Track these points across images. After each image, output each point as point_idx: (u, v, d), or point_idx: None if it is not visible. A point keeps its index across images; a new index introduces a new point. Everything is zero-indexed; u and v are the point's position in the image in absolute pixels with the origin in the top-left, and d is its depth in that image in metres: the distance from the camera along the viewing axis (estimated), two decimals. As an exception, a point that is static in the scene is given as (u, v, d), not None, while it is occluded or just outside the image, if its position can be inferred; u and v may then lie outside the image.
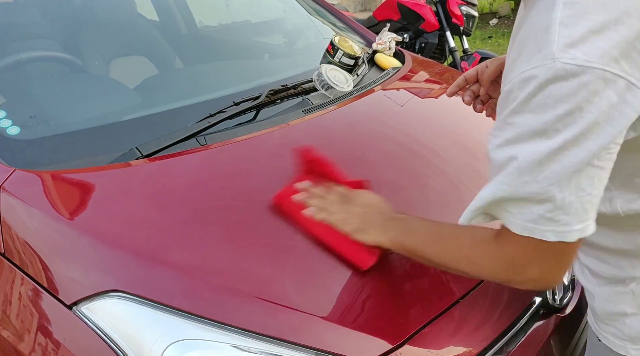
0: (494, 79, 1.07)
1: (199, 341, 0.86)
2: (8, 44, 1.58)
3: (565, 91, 0.63)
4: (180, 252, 0.98)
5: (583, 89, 0.63)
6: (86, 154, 1.18)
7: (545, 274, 0.77)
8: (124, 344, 0.87)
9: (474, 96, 1.11)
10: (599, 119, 0.64)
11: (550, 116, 0.65)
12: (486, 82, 1.08)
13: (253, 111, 1.36)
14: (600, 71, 0.62)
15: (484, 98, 1.10)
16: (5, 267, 1.01)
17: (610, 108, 0.64)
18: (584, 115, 0.63)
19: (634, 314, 0.85)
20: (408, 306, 1.01)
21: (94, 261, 0.96)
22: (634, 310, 0.85)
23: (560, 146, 0.65)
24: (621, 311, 0.86)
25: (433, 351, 0.96)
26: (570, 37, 0.63)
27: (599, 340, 0.92)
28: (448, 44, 4.15)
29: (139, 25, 1.97)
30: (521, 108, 0.68)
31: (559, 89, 0.64)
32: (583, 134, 0.64)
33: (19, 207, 1.04)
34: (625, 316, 0.86)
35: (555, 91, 0.64)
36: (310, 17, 2.16)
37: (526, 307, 1.12)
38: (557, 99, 0.64)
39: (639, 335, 0.85)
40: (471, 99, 1.11)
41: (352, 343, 0.92)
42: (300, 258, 1.02)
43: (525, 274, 0.78)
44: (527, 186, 0.69)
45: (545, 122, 0.65)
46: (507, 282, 0.84)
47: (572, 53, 0.63)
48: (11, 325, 0.97)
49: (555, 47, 0.63)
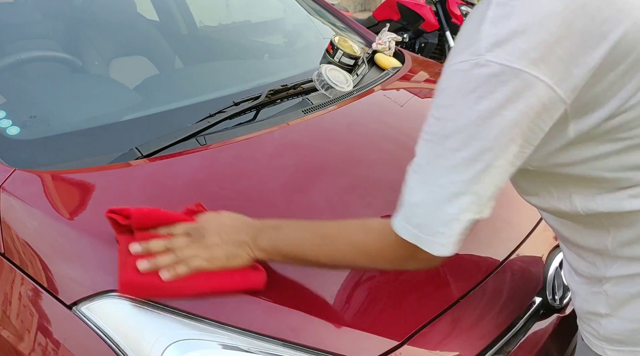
0: None
1: (199, 342, 0.86)
2: (8, 44, 1.58)
3: (486, 88, 0.65)
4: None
5: (502, 87, 0.65)
6: (86, 154, 1.19)
7: (432, 264, 0.80)
8: (124, 344, 0.86)
9: None
10: (517, 119, 0.66)
11: (473, 112, 0.67)
12: None
13: (253, 111, 1.36)
14: (519, 71, 0.64)
15: None
16: (5, 267, 1.00)
17: (527, 108, 0.65)
18: (503, 113, 0.65)
19: (607, 315, 0.85)
20: (408, 306, 1.01)
21: (94, 261, 0.96)
22: (608, 311, 0.85)
23: (479, 145, 0.67)
24: (596, 312, 0.87)
25: (433, 351, 0.96)
26: (496, 36, 0.65)
27: (583, 340, 0.92)
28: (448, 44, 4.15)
29: (138, 25, 1.97)
30: (447, 101, 0.70)
31: (480, 86, 0.66)
32: (502, 131, 0.66)
33: (19, 207, 1.04)
34: (600, 317, 0.86)
35: (477, 87, 0.66)
36: (310, 17, 2.16)
37: (526, 307, 1.12)
38: (480, 96, 0.66)
39: (613, 336, 0.86)
40: None
41: (352, 343, 0.92)
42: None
43: (417, 263, 0.80)
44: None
45: (468, 118, 0.67)
46: (400, 267, 0.86)
47: (496, 52, 0.65)
48: (11, 324, 0.97)
49: (483, 44, 0.66)
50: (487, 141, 0.67)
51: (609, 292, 0.84)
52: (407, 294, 1.03)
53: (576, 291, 0.92)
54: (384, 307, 0.99)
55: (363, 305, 0.98)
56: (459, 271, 1.12)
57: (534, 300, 1.14)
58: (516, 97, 0.65)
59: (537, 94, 0.65)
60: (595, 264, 0.85)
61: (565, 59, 0.65)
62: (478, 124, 0.67)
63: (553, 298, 1.16)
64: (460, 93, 0.68)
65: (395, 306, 1.00)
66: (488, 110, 0.66)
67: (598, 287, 0.86)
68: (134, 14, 1.98)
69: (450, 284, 1.08)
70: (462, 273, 1.12)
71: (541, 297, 1.15)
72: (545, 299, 1.15)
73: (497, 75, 0.65)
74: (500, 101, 0.65)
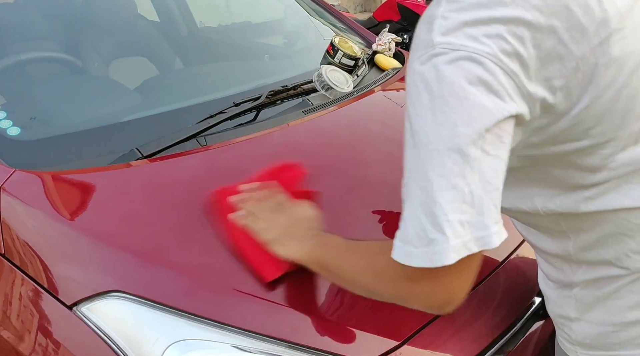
0: None
1: (199, 341, 0.86)
2: (8, 45, 1.58)
3: (442, 74, 0.65)
4: (180, 252, 0.98)
5: (460, 71, 0.64)
6: (86, 154, 1.19)
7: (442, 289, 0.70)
8: (124, 344, 0.87)
9: None
10: (476, 100, 0.64)
11: (435, 101, 0.65)
12: None
13: (253, 111, 1.36)
14: (472, 53, 0.64)
15: None
16: (5, 267, 1.01)
17: (487, 90, 0.64)
18: (467, 97, 0.64)
19: (577, 319, 0.86)
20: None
21: (94, 261, 0.96)
22: (577, 315, 0.86)
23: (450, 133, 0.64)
24: (567, 316, 0.87)
25: (433, 352, 0.96)
26: (447, 26, 0.66)
27: (558, 344, 0.93)
28: (448, 44, 4.14)
29: (139, 26, 1.97)
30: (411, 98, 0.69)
31: (437, 74, 0.65)
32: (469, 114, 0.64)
33: (19, 207, 1.05)
34: (570, 321, 0.87)
35: (433, 76, 0.65)
36: (310, 18, 2.16)
37: (526, 307, 1.12)
38: (441, 83, 0.65)
39: (584, 340, 0.86)
40: None
41: (352, 343, 0.92)
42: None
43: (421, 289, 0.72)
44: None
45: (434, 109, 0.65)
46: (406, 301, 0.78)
47: (447, 39, 0.65)
48: (11, 325, 0.97)
49: (434, 35, 0.67)
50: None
51: (577, 296, 0.85)
52: (407, 295, 1.03)
53: (549, 296, 0.93)
54: (384, 307, 0.99)
55: (363, 305, 0.98)
56: (459, 271, 1.12)
57: (534, 300, 1.14)
58: (472, 78, 0.64)
59: (492, 72, 0.64)
60: (563, 269, 0.86)
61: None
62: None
63: (553, 298, 1.16)
64: (420, 88, 0.67)
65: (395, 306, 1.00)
66: (447, 94, 0.65)
67: (568, 291, 0.86)
68: (134, 15, 1.98)
69: (450, 284, 1.08)
70: (462, 273, 1.12)
71: (541, 297, 1.15)
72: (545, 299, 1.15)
73: (454, 60, 0.65)
74: (455, 84, 0.64)
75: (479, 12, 0.65)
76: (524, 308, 1.12)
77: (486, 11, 0.65)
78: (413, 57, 0.69)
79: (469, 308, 1.05)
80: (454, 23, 0.66)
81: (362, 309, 0.98)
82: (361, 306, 0.98)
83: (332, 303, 0.97)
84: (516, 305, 1.11)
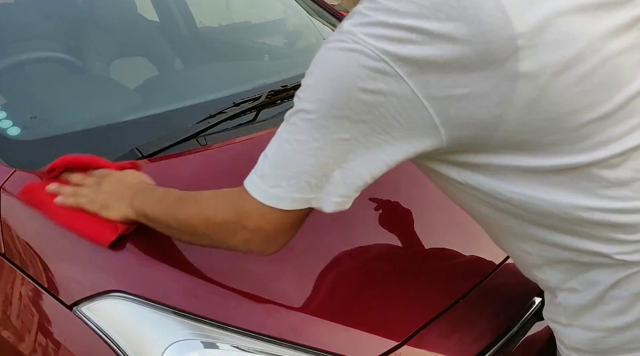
0: None
1: (199, 342, 0.86)
2: (9, 45, 1.58)
3: (341, 62, 0.70)
4: (181, 252, 0.98)
5: (354, 65, 0.68)
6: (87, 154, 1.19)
7: (261, 240, 0.81)
8: (124, 344, 0.87)
9: None
10: (366, 99, 0.69)
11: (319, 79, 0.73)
12: None
13: (253, 111, 1.36)
14: (370, 51, 0.67)
15: None
16: (5, 267, 1.01)
17: (381, 89, 0.68)
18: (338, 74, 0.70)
19: (568, 325, 0.85)
20: (408, 306, 1.01)
21: (94, 261, 0.96)
22: (567, 321, 0.85)
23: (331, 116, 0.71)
24: (559, 321, 0.87)
25: (433, 352, 0.96)
26: (361, 21, 0.70)
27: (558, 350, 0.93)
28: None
29: (139, 26, 1.97)
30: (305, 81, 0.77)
31: (336, 60, 0.71)
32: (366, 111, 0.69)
33: (20, 207, 1.05)
34: (563, 327, 0.87)
35: (324, 56, 0.73)
36: (310, 18, 2.16)
37: (526, 307, 1.12)
38: (322, 63, 0.73)
39: (578, 346, 0.86)
40: None
41: (352, 343, 0.92)
42: (300, 258, 1.02)
43: (246, 234, 0.80)
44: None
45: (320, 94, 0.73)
46: (224, 240, 0.85)
47: (354, 30, 0.69)
48: (11, 325, 0.97)
49: (346, 24, 0.71)
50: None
51: (563, 303, 0.84)
52: (407, 294, 1.03)
53: (545, 301, 0.93)
54: (384, 307, 1.00)
55: (363, 305, 0.98)
56: (458, 271, 1.12)
57: (534, 300, 1.14)
58: (367, 73, 0.68)
59: (385, 73, 0.68)
60: (547, 274, 0.85)
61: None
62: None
63: (553, 298, 1.16)
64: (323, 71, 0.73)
65: (395, 306, 1.00)
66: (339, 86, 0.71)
67: (555, 297, 0.86)
68: (134, 15, 1.98)
69: (450, 284, 1.08)
70: (462, 273, 1.12)
71: (541, 297, 1.15)
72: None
73: (352, 50, 0.68)
74: (349, 77, 0.69)
75: (389, 17, 0.67)
76: (524, 308, 1.12)
77: (395, 17, 0.67)
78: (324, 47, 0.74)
79: (469, 308, 1.05)
80: (368, 20, 0.69)
81: (362, 309, 0.98)
82: (361, 306, 0.98)
83: (332, 303, 0.97)
84: (516, 305, 1.11)
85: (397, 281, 1.04)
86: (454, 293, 1.06)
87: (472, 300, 1.06)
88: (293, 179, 0.74)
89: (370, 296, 1.00)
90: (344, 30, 0.71)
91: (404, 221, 1.19)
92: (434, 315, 1.00)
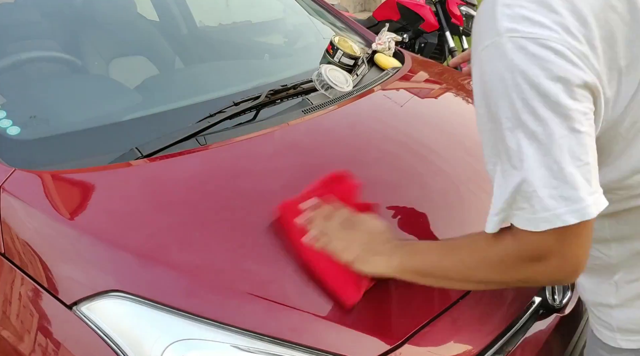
0: None
1: (199, 341, 0.86)
2: (8, 44, 1.58)
3: (514, 63, 0.68)
4: (180, 252, 0.98)
5: (531, 59, 0.67)
6: (86, 154, 1.19)
7: (569, 262, 0.74)
8: (124, 344, 0.87)
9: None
10: (557, 80, 0.67)
11: (516, 90, 0.68)
12: None
13: (253, 111, 1.36)
14: (543, 40, 0.67)
15: None
16: (5, 267, 1.01)
17: (561, 71, 0.67)
18: (541, 82, 0.67)
19: (618, 306, 0.86)
20: (408, 306, 1.01)
21: (94, 261, 0.96)
22: (618, 301, 0.86)
23: (536, 117, 0.68)
24: (607, 303, 0.87)
25: (433, 351, 0.96)
26: (511, 15, 0.69)
27: (593, 332, 0.93)
28: (447, 44, 4.15)
29: (139, 26, 1.97)
30: (480, 88, 0.73)
31: (509, 63, 0.68)
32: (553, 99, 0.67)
33: (19, 207, 1.05)
34: (611, 308, 0.87)
35: (506, 66, 0.68)
36: (310, 18, 2.16)
37: (526, 307, 1.12)
38: (512, 72, 0.68)
39: (625, 326, 0.86)
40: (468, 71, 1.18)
41: (352, 343, 0.92)
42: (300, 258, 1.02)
43: (548, 266, 0.75)
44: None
45: (513, 99, 0.69)
46: (530, 281, 0.81)
47: (514, 27, 0.68)
48: (11, 325, 0.97)
49: (500, 24, 0.69)
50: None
51: (619, 283, 0.85)
52: (407, 294, 1.03)
53: (585, 285, 0.92)
54: (384, 307, 1.00)
55: (363, 305, 0.98)
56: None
57: (534, 300, 1.14)
58: (546, 63, 0.67)
59: (563, 56, 0.67)
60: (603, 253, 0.86)
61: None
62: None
63: (552, 297, 1.16)
64: (492, 79, 0.70)
65: (395, 306, 1.00)
66: (524, 83, 0.68)
67: (607, 278, 0.86)
68: (134, 14, 1.98)
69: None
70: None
71: (541, 297, 1.15)
72: (544, 299, 1.15)
73: (523, 47, 0.67)
74: (530, 72, 0.67)
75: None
76: (524, 308, 1.12)
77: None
78: (478, 47, 0.72)
79: (469, 307, 1.05)
80: (519, 11, 0.69)
81: (362, 309, 0.98)
82: (361, 306, 0.98)
83: (332, 303, 0.97)
84: (516, 305, 1.11)
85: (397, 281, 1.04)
86: (454, 292, 1.06)
87: (472, 299, 1.06)
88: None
89: (370, 296, 1.00)
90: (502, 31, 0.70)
91: (403, 221, 1.18)
92: (434, 315, 1.00)
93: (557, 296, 1.17)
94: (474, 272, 0.84)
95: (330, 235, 0.98)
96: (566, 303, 1.19)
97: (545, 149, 0.68)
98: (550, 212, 0.69)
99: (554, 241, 0.72)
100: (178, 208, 1.07)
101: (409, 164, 1.34)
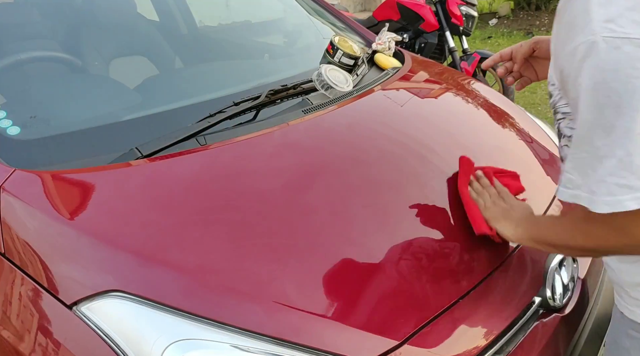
0: (527, 58, 1.21)
1: (198, 341, 0.86)
2: (8, 44, 1.58)
3: (609, 63, 0.70)
4: (180, 252, 0.98)
5: (625, 59, 0.69)
6: (86, 154, 1.19)
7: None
8: (124, 344, 0.87)
9: (507, 71, 1.25)
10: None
11: (603, 87, 0.71)
12: (520, 60, 1.21)
13: (253, 111, 1.36)
14: (638, 40, 0.68)
15: (515, 75, 1.24)
16: (5, 267, 1.01)
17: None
18: (630, 81, 0.69)
19: None
20: (408, 305, 1.01)
21: (94, 261, 0.96)
22: None
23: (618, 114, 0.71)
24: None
25: (433, 351, 0.96)
26: (607, 14, 0.70)
27: (624, 314, 0.93)
28: (448, 44, 4.15)
29: (138, 26, 1.97)
30: (574, 87, 0.75)
31: (604, 62, 0.70)
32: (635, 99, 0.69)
33: (19, 207, 1.05)
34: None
35: (601, 64, 0.70)
36: (310, 17, 2.16)
37: (526, 307, 1.12)
38: (604, 71, 0.70)
39: None
40: (505, 72, 1.26)
41: (352, 342, 0.92)
42: (300, 258, 1.02)
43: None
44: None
45: (599, 95, 0.71)
46: (626, 250, 0.85)
47: (611, 27, 0.69)
48: (11, 325, 0.97)
49: (595, 23, 0.71)
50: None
51: None
52: (407, 294, 1.03)
53: (613, 266, 0.94)
54: (384, 307, 1.00)
55: (363, 305, 0.98)
56: (458, 271, 1.12)
57: (534, 300, 1.14)
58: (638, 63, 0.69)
59: None
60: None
61: None
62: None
63: (553, 297, 1.16)
64: (584, 76, 0.72)
65: (395, 306, 1.00)
66: (616, 82, 0.70)
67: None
68: (134, 14, 1.98)
69: (450, 284, 1.08)
70: (462, 272, 1.12)
71: (541, 297, 1.15)
72: (544, 299, 1.15)
73: (618, 47, 0.69)
74: (623, 71, 0.69)
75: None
76: (524, 308, 1.12)
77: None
78: (570, 47, 0.74)
79: (469, 307, 1.05)
80: (615, 9, 0.70)
81: (363, 309, 0.98)
82: (361, 306, 0.98)
83: (332, 302, 0.97)
84: (516, 305, 1.11)
85: (397, 281, 1.04)
86: (454, 292, 1.06)
87: (472, 299, 1.06)
88: None
89: (370, 296, 1.00)
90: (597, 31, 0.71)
91: (403, 221, 1.19)
92: (434, 315, 1.00)
93: (556, 296, 1.17)
94: (573, 240, 0.92)
95: (484, 195, 1.19)
96: (566, 303, 1.19)
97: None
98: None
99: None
100: (178, 208, 1.07)
101: (409, 164, 1.34)
